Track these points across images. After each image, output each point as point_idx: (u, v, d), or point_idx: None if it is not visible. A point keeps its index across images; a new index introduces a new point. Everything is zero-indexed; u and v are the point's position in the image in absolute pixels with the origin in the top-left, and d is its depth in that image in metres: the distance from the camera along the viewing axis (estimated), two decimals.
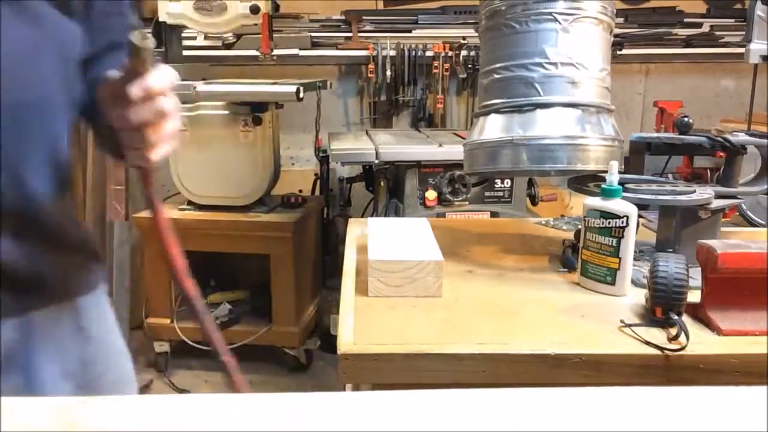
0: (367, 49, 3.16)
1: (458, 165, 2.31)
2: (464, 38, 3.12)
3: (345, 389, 0.90)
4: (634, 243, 0.95)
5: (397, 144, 2.55)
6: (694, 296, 0.88)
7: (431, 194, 2.33)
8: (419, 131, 3.10)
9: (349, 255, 1.15)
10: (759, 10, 1.54)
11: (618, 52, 2.95)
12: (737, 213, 1.97)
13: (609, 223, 0.94)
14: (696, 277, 0.89)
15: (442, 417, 0.47)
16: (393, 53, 3.16)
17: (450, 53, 3.18)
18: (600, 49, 1.09)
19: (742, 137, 1.13)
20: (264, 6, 2.44)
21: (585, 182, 1.12)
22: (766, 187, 1.16)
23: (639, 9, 3.32)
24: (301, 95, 2.29)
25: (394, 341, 0.81)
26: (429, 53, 3.19)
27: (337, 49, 3.20)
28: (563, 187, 2.82)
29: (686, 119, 1.16)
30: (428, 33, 3.23)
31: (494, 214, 2.40)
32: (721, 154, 1.17)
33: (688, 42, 3.25)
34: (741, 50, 1.62)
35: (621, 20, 3.15)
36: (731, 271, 0.84)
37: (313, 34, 3.17)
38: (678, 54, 3.27)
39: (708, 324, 0.86)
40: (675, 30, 3.25)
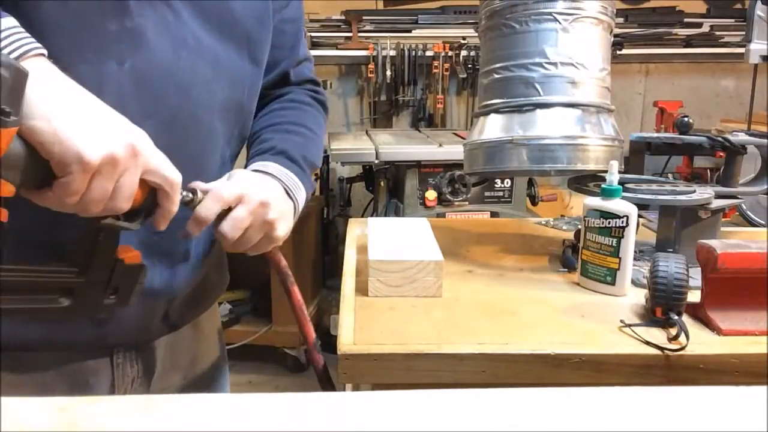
0: (367, 49, 3.16)
1: (458, 165, 2.31)
2: (464, 38, 3.12)
3: (345, 389, 0.90)
4: (634, 243, 0.95)
5: (397, 144, 2.55)
6: (694, 296, 0.88)
7: (431, 194, 2.34)
8: (419, 131, 3.10)
9: (349, 255, 1.15)
10: (759, 10, 1.54)
11: (618, 52, 2.95)
12: (737, 213, 1.96)
13: (609, 223, 0.94)
14: (696, 277, 0.89)
15: (442, 417, 0.47)
16: (393, 53, 3.16)
17: (450, 53, 3.18)
18: (600, 49, 1.09)
19: (742, 137, 1.13)
20: None
21: (585, 182, 1.12)
22: (766, 187, 1.16)
23: (639, 9, 3.32)
24: None
25: (394, 341, 0.80)
26: (429, 53, 3.19)
27: (337, 49, 3.20)
28: (563, 187, 2.82)
29: (686, 119, 1.16)
30: (428, 33, 3.23)
31: (494, 214, 2.40)
32: (721, 154, 1.17)
33: (688, 42, 3.25)
34: (741, 50, 1.62)
35: (621, 20, 3.15)
36: (731, 271, 0.84)
37: (313, 34, 3.17)
38: (678, 54, 3.28)
39: (708, 324, 0.86)
40: (675, 30, 3.25)
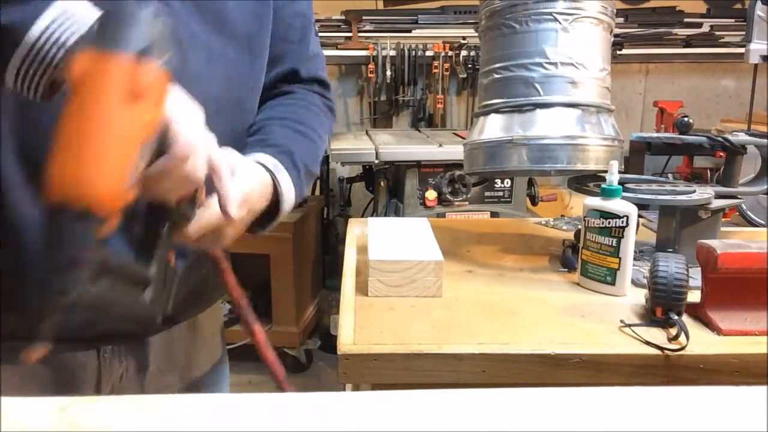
0: (367, 49, 3.16)
1: (458, 165, 2.31)
2: (464, 38, 3.12)
3: (345, 389, 0.90)
4: (634, 243, 0.95)
5: (397, 144, 2.55)
6: (694, 296, 0.88)
7: (431, 194, 2.34)
8: (419, 131, 3.10)
9: (349, 255, 1.15)
10: (759, 10, 1.54)
11: (618, 52, 2.95)
12: (737, 213, 1.96)
13: (609, 223, 0.94)
14: (696, 277, 0.89)
15: (442, 417, 0.47)
16: (393, 53, 3.16)
17: (450, 53, 3.18)
18: (600, 49, 1.09)
19: (742, 137, 1.13)
20: None
21: (585, 182, 1.12)
22: (766, 187, 1.16)
23: (639, 9, 3.32)
24: None
25: (394, 341, 0.80)
26: (429, 53, 3.19)
27: (337, 49, 3.20)
28: (563, 187, 2.82)
29: (686, 119, 1.16)
30: (428, 33, 3.23)
31: (494, 214, 2.40)
32: (721, 154, 1.17)
33: (688, 42, 3.25)
34: (741, 50, 1.61)
35: (621, 20, 3.15)
36: (731, 271, 0.84)
37: None
38: (678, 54, 3.28)
39: (708, 324, 0.86)
40: (675, 30, 3.25)
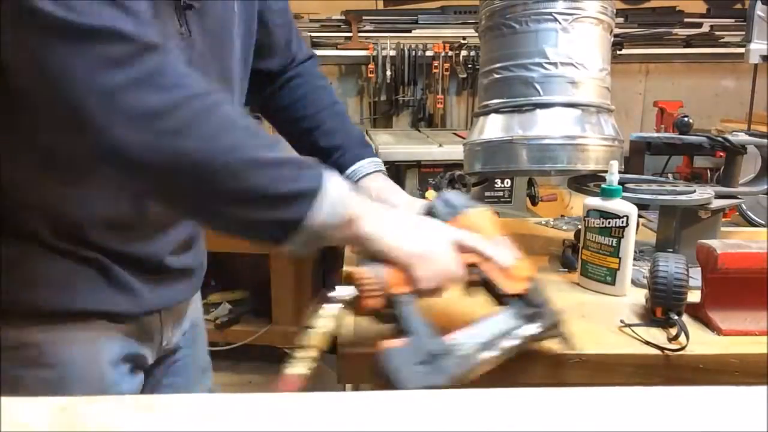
0: (367, 49, 3.15)
1: (458, 165, 2.29)
2: (464, 38, 3.12)
3: (345, 389, 0.90)
4: (634, 243, 0.95)
5: (397, 144, 2.55)
6: (694, 296, 0.88)
7: (431, 194, 2.32)
8: (419, 131, 3.09)
9: (349, 254, 1.15)
10: (759, 10, 1.54)
11: (618, 52, 2.95)
12: (737, 213, 1.96)
13: (609, 223, 0.94)
14: (696, 277, 0.89)
15: (442, 417, 0.47)
16: (393, 53, 3.15)
17: (450, 53, 3.17)
18: (600, 49, 1.09)
19: (742, 137, 1.13)
20: None
21: (585, 182, 1.12)
22: (766, 187, 1.16)
23: (639, 9, 3.32)
24: None
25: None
26: (429, 53, 3.18)
27: (337, 49, 3.19)
28: (563, 187, 2.82)
29: (686, 119, 1.16)
30: (428, 33, 3.22)
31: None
32: (721, 154, 1.17)
33: (688, 42, 3.24)
34: (741, 50, 1.61)
35: (621, 20, 3.15)
36: (731, 271, 0.84)
37: (313, 34, 3.17)
38: (678, 54, 3.27)
39: (708, 324, 0.86)
40: (675, 30, 3.24)
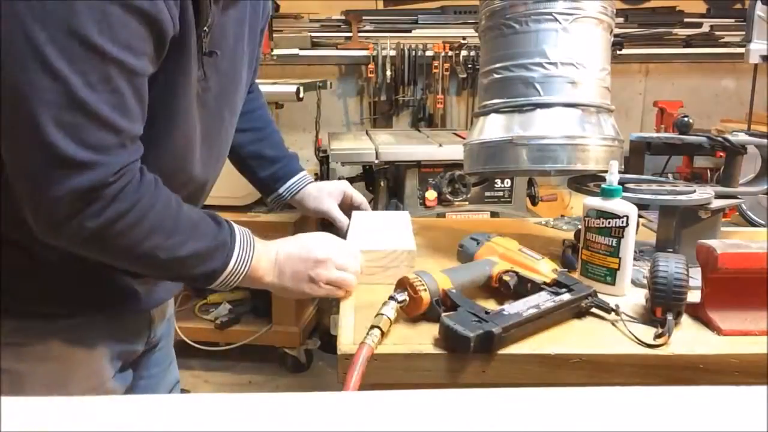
0: (367, 49, 3.16)
1: (458, 165, 2.31)
2: (464, 38, 3.12)
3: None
4: (634, 243, 0.95)
5: (397, 144, 2.55)
6: (694, 296, 0.88)
7: (431, 194, 2.33)
8: (419, 131, 3.10)
9: None
10: (759, 10, 1.54)
11: (618, 52, 2.95)
12: (737, 213, 1.97)
13: (609, 223, 0.94)
14: (696, 277, 0.89)
15: (442, 417, 0.47)
16: (393, 53, 3.15)
17: (450, 53, 3.18)
18: (600, 49, 1.09)
19: (742, 137, 1.13)
20: None
21: (585, 182, 1.12)
22: (766, 187, 1.16)
23: (639, 9, 3.32)
24: (301, 95, 2.29)
25: (394, 341, 0.81)
26: (429, 53, 3.19)
27: (337, 49, 3.20)
28: (563, 187, 2.82)
29: (686, 119, 1.16)
30: (428, 33, 3.23)
31: (494, 214, 2.39)
32: (721, 154, 1.17)
33: (688, 42, 3.25)
34: (741, 50, 1.62)
35: (621, 20, 3.15)
36: (731, 271, 0.83)
37: (313, 34, 3.17)
38: (678, 54, 3.28)
39: (708, 324, 0.86)
40: (675, 30, 3.25)
